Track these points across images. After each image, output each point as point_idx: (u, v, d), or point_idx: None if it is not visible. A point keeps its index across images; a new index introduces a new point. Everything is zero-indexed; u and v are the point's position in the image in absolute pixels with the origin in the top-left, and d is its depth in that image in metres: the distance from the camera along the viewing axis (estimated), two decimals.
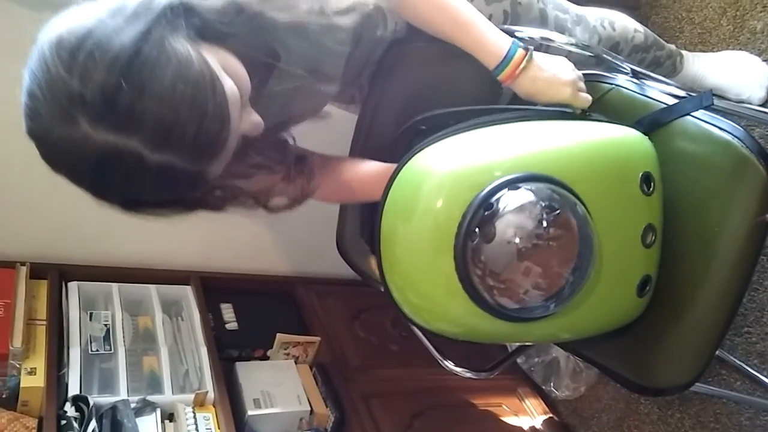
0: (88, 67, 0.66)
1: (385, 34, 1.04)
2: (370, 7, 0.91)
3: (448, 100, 1.01)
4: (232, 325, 1.85)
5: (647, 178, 0.93)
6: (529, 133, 0.93)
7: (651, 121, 1.01)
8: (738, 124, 0.96)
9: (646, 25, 1.40)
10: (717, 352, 1.02)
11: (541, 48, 1.18)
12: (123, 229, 0.84)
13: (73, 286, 1.69)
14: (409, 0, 0.99)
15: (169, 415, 1.52)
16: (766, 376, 1.45)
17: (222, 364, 1.68)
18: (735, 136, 0.95)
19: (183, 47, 0.69)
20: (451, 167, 0.88)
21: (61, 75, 0.66)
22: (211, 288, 1.89)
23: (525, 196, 0.84)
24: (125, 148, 0.68)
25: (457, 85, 1.05)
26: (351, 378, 1.80)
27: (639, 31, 1.35)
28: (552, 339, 1.05)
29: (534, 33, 1.13)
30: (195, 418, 1.51)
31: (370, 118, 1.19)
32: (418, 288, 0.92)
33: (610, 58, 1.13)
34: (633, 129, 0.98)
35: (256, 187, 0.95)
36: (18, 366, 1.45)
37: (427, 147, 0.91)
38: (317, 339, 1.85)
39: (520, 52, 0.96)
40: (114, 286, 1.75)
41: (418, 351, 1.29)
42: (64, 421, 1.37)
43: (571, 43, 1.13)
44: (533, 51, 0.97)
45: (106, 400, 1.46)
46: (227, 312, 1.88)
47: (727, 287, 0.97)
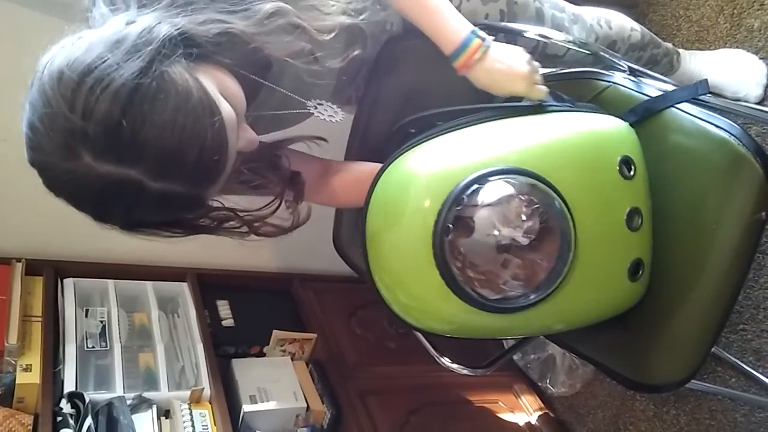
0: (89, 103, 0.66)
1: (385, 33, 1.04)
2: (350, 24, 0.92)
3: (444, 98, 1.01)
4: (228, 322, 1.85)
5: (627, 162, 0.93)
6: (508, 129, 0.95)
7: (645, 109, 1.01)
8: (735, 122, 0.96)
9: (643, 24, 1.40)
10: (713, 350, 1.02)
11: (539, 46, 1.18)
12: None
13: (68, 282, 1.69)
14: None
15: (165, 412, 1.52)
16: (762, 373, 1.45)
17: (218, 361, 1.68)
18: (732, 134, 0.95)
19: (182, 78, 0.70)
20: (436, 167, 0.90)
21: (63, 112, 0.67)
22: (208, 285, 1.89)
23: (501, 189, 0.87)
24: (127, 179, 0.69)
25: (453, 83, 1.04)
26: (347, 375, 1.80)
27: (636, 29, 1.35)
28: (547, 330, 1.05)
29: (532, 30, 1.13)
30: (191, 414, 1.51)
31: (366, 117, 1.18)
32: (408, 287, 0.93)
33: (607, 56, 1.13)
34: (613, 117, 0.99)
35: (248, 206, 0.95)
36: (13, 363, 1.45)
37: (412, 149, 0.93)
38: (314, 336, 1.85)
39: (477, 41, 0.96)
40: (110, 283, 1.75)
41: (415, 348, 1.30)
42: (59, 418, 1.37)
43: (569, 41, 1.13)
44: (491, 42, 0.97)
45: (102, 396, 1.46)
46: (223, 309, 1.88)
47: (723, 285, 0.97)
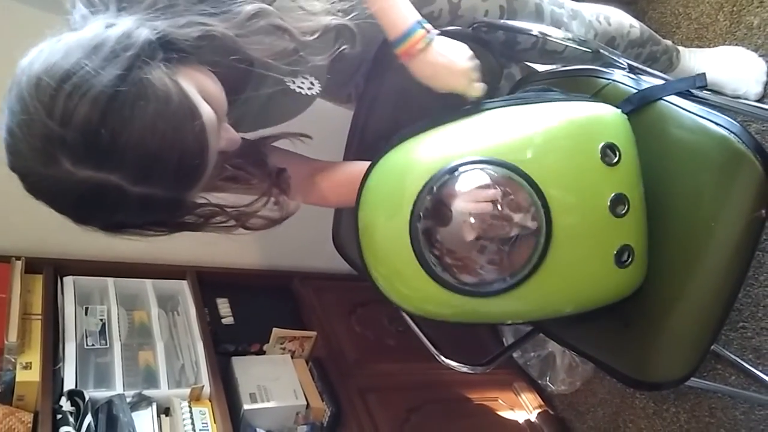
0: (67, 110, 0.66)
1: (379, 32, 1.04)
2: (337, 24, 0.92)
3: (443, 97, 1.01)
4: (228, 320, 1.85)
5: (610, 148, 0.93)
6: (490, 121, 0.99)
7: (641, 97, 1.01)
8: (734, 120, 0.96)
9: (643, 21, 1.40)
10: (712, 347, 1.02)
11: (538, 43, 1.18)
12: None
13: (68, 280, 1.69)
14: None
15: (165, 410, 1.52)
16: (761, 371, 1.45)
17: (218, 359, 1.68)
18: (731, 131, 0.94)
19: (161, 83, 0.70)
20: (417, 160, 0.97)
21: (42, 118, 0.67)
22: (208, 282, 1.89)
23: (477, 178, 0.92)
24: (107, 183, 0.69)
25: None
26: (347, 372, 1.80)
27: (634, 26, 1.35)
28: (541, 315, 1.07)
29: (533, 28, 1.13)
30: (191, 412, 1.52)
31: (365, 115, 1.18)
32: (402, 276, 0.97)
33: (607, 53, 1.13)
34: (603, 104, 1.00)
35: (234, 202, 0.95)
36: (13, 360, 1.45)
37: (400, 143, 0.99)
38: (313, 333, 1.85)
39: (421, 31, 0.96)
40: (109, 281, 1.75)
41: (415, 346, 1.30)
42: (59, 416, 1.37)
43: (569, 39, 1.13)
44: (436, 35, 0.98)
45: (102, 394, 1.46)
46: (223, 306, 1.88)
47: (723, 282, 0.97)
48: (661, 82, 1.05)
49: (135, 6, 0.75)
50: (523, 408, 1.95)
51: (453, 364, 1.25)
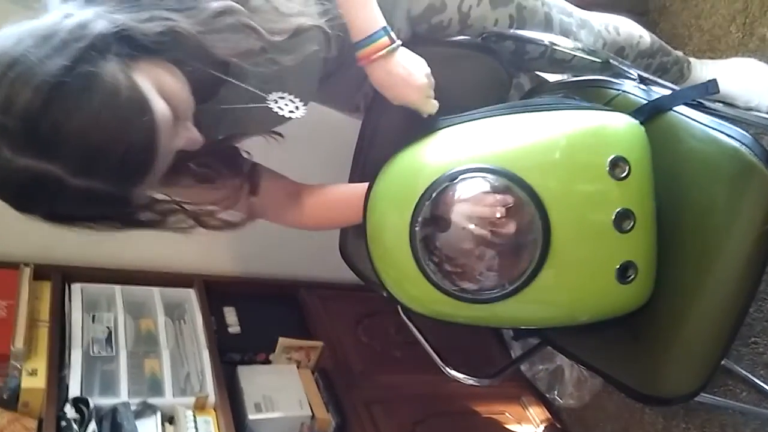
0: (9, 97, 0.66)
1: None
2: (310, 26, 0.91)
3: (454, 104, 1.01)
4: (234, 329, 1.85)
5: (619, 162, 0.92)
6: (497, 128, 0.98)
7: (653, 106, 1.00)
8: (746, 132, 0.95)
9: (654, 32, 1.39)
10: (723, 363, 1.01)
11: (547, 52, 1.17)
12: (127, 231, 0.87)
13: (76, 287, 1.69)
14: None
15: (169, 418, 1.51)
16: None
17: (224, 368, 1.67)
18: (743, 143, 0.93)
19: (111, 76, 0.69)
20: (421, 163, 0.98)
21: None
22: (215, 291, 1.89)
23: (476, 186, 0.92)
24: (47, 173, 0.68)
25: (464, 88, 1.05)
26: (353, 383, 1.79)
27: (644, 36, 1.34)
28: (548, 323, 1.08)
29: (543, 38, 1.13)
30: (195, 421, 1.51)
31: (374, 126, 1.18)
32: (409, 278, 0.97)
33: (616, 63, 1.12)
34: (617, 114, 0.98)
35: (198, 201, 0.94)
36: (19, 367, 1.44)
37: (409, 146, 1.00)
38: (320, 344, 1.84)
39: (386, 39, 0.96)
40: (117, 288, 1.75)
41: (421, 357, 1.28)
42: (63, 423, 1.37)
43: (578, 48, 1.12)
44: (399, 45, 0.98)
45: (107, 402, 1.45)
46: (230, 315, 1.87)
47: (733, 296, 0.96)
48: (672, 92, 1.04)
49: None
50: (531, 422, 1.93)
51: (459, 376, 1.23)
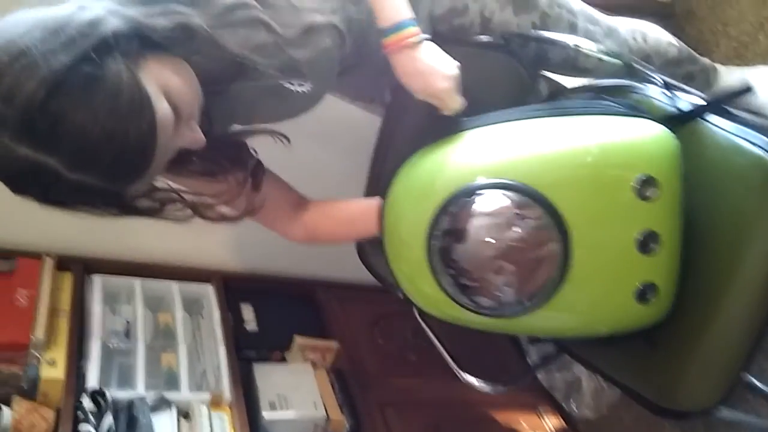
0: (12, 88, 0.67)
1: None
2: (324, 23, 0.91)
3: (474, 104, 1.00)
4: (251, 326, 1.85)
5: (647, 182, 0.89)
6: (522, 134, 0.96)
7: (687, 114, 0.98)
8: None
9: (680, 37, 1.37)
10: (745, 377, 0.99)
11: (569, 59, 1.16)
12: (149, 224, 0.88)
13: (96, 279, 1.71)
14: None
15: (184, 414, 1.52)
16: None
17: (240, 365, 1.68)
18: None
19: (115, 74, 0.70)
20: (442, 167, 0.96)
21: None
22: (233, 287, 1.90)
23: (496, 200, 0.90)
24: (44, 165, 0.70)
25: (484, 88, 1.03)
26: (367, 385, 1.78)
27: (673, 44, 1.32)
28: (565, 335, 1.08)
29: (566, 39, 1.11)
30: (210, 418, 1.51)
31: (392, 127, 1.17)
32: (426, 287, 0.96)
33: (641, 68, 1.10)
34: (651, 123, 0.95)
35: (199, 192, 0.95)
36: (38, 356, 1.46)
37: (430, 146, 0.99)
38: (336, 344, 1.84)
39: (413, 29, 0.95)
40: (137, 282, 1.76)
41: (437, 361, 1.28)
42: (81, 414, 1.38)
43: (602, 51, 1.11)
44: (427, 39, 0.96)
45: (124, 395, 1.46)
46: (247, 312, 1.88)
47: (756, 308, 0.94)
48: (698, 99, 1.02)
49: None
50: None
51: (474, 382, 1.23)
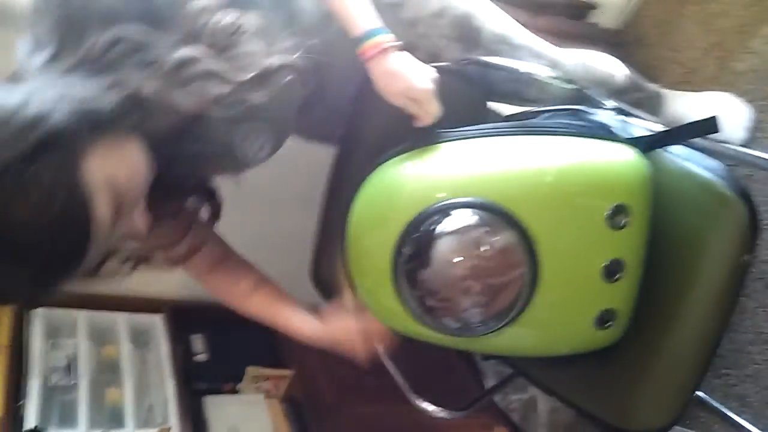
0: None
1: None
2: (279, 65, 0.89)
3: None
4: (202, 357, 1.80)
5: (620, 211, 0.88)
6: (495, 151, 0.94)
7: (652, 143, 0.95)
8: (720, 164, 0.95)
9: (630, 63, 1.40)
10: (697, 395, 1.00)
11: (518, 85, 1.17)
12: None
13: (36, 312, 1.64)
14: None
15: None
16: (745, 419, 1.42)
17: (190, 398, 1.63)
18: (717, 175, 0.93)
19: (51, 180, 0.67)
20: (409, 181, 0.94)
21: None
22: (184, 317, 1.84)
23: (464, 219, 0.89)
24: None
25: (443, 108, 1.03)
26: (324, 415, 1.75)
27: (618, 73, 1.35)
28: (520, 353, 1.07)
29: (517, 66, 1.13)
30: None
31: (347, 154, 1.16)
32: (385, 296, 0.94)
33: (591, 95, 1.12)
34: (619, 146, 0.93)
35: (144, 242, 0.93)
36: None
37: (397, 156, 0.96)
38: (288, 372, 1.80)
39: (388, 35, 0.92)
40: (81, 314, 1.69)
41: (395, 387, 1.26)
42: None
43: (553, 77, 1.12)
44: (400, 46, 0.93)
45: None
46: (198, 343, 1.83)
47: (706, 327, 0.95)
48: (649, 124, 1.03)
49: (70, 53, 0.73)
50: None
51: (430, 408, 1.21)
